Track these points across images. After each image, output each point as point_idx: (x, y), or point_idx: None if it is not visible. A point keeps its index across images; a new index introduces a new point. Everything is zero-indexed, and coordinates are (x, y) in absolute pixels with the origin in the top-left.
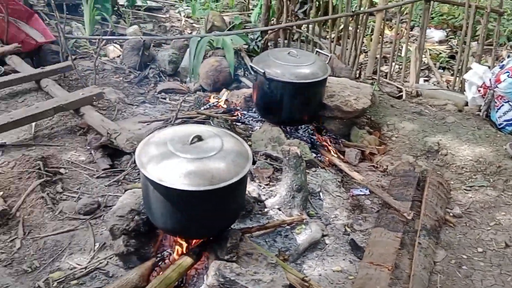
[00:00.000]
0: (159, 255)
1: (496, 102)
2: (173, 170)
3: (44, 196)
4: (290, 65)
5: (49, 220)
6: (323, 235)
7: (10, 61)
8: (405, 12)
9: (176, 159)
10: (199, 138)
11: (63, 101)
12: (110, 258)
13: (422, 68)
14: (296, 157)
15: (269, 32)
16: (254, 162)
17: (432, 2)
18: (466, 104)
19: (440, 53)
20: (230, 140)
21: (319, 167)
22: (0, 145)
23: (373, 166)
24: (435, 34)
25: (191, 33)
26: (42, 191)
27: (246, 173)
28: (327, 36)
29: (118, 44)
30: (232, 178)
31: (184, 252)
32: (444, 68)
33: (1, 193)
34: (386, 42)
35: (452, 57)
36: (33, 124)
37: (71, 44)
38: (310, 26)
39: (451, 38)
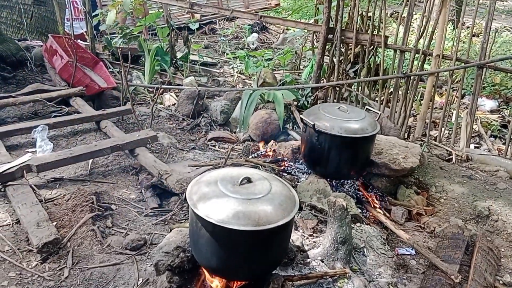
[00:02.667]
0: None
1: None
2: (221, 208)
3: (94, 229)
4: (339, 119)
5: (97, 252)
6: None
7: (74, 102)
8: (456, 80)
9: (225, 198)
10: (249, 180)
11: (120, 141)
12: None
13: (473, 135)
14: (342, 209)
15: (319, 89)
16: (300, 209)
17: (484, 69)
18: None
19: (491, 122)
20: (278, 184)
21: (364, 223)
22: (58, 179)
23: (420, 226)
24: (487, 103)
25: (243, 87)
26: (93, 224)
27: (292, 217)
28: (376, 98)
29: (174, 93)
30: (278, 221)
31: None
32: (495, 137)
33: (55, 223)
34: (436, 108)
35: (504, 126)
36: (90, 161)
37: (130, 91)
38: (360, 86)
39: (503, 108)
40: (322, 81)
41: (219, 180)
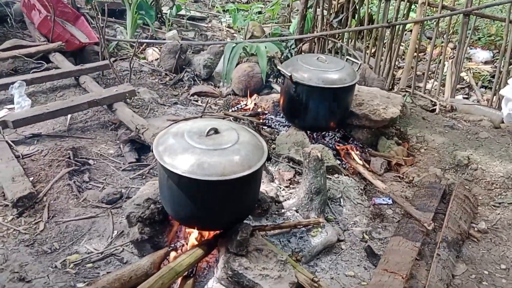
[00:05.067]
0: (172, 245)
1: None
2: (187, 159)
3: (70, 183)
4: (317, 69)
5: (73, 206)
6: (339, 240)
7: (54, 58)
8: (451, 31)
9: (191, 149)
10: (216, 131)
11: (98, 96)
12: (126, 246)
13: (463, 86)
14: (316, 160)
15: (303, 41)
16: (269, 158)
17: (470, 16)
18: (503, 121)
19: (483, 72)
20: (246, 134)
21: (343, 174)
22: (36, 135)
23: (399, 176)
24: (481, 55)
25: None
26: (70, 179)
27: (259, 167)
28: (362, 48)
29: (157, 48)
30: (244, 171)
31: (197, 243)
32: (486, 88)
33: (32, 178)
34: (425, 59)
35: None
36: (68, 117)
37: (113, 46)
38: (345, 36)
39: (497, 58)
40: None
41: (186, 132)
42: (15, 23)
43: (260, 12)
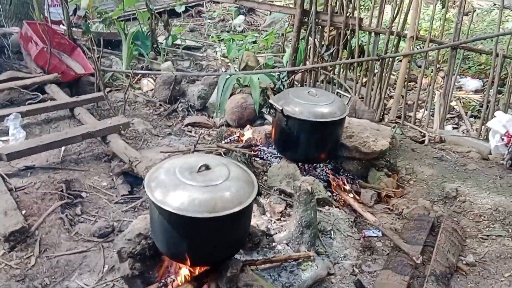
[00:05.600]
0: (163, 280)
1: None
2: (178, 196)
3: (62, 217)
4: (308, 103)
5: (65, 240)
6: (329, 274)
7: (49, 89)
8: (441, 60)
9: (182, 186)
10: (207, 167)
11: (92, 128)
12: (117, 281)
13: (453, 116)
14: (307, 193)
15: (295, 73)
16: (259, 194)
17: (457, 50)
18: (491, 153)
19: (472, 102)
20: (237, 170)
21: (333, 206)
22: (29, 167)
23: (389, 208)
24: (471, 84)
25: (225, 71)
26: (62, 212)
27: (249, 203)
28: (353, 79)
29: (152, 78)
30: (235, 207)
31: (187, 279)
32: (475, 117)
33: (24, 211)
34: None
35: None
36: (62, 148)
37: (108, 77)
38: (337, 68)
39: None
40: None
41: (178, 168)
42: (11, 54)
43: (254, 42)
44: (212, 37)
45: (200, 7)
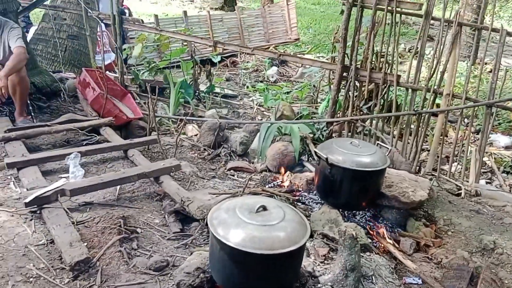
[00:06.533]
0: None
1: None
2: (239, 233)
3: (121, 250)
4: (351, 153)
5: (124, 272)
6: None
7: (104, 132)
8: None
9: (242, 224)
10: (264, 208)
11: (146, 169)
12: None
13: (485, 171)
14: (351, 238)
15: (334, 123)
16: (311, 236)
17: (492, 107)
18: None
19: (505, 158)
20: (292, 212)
21: (374, 253)
22: (89, 203)
23: (427, 257)
24: (501, 140)
25: (261, 119)
26: (120, 246)
27: (303, 243)
28: (390, 132)
29: (196, 124)
30: (290, 246)
31: None
32: (508, 173)
33: (86, 244)
34: (451, 143)
35: None
36: (118, 187)
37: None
38: (374, 121)
39: None
40: (337, 116)
41: (238, 208)
42: (67, 97)
43: (288, 92)
44: (247, 86)
45: (235, 58)
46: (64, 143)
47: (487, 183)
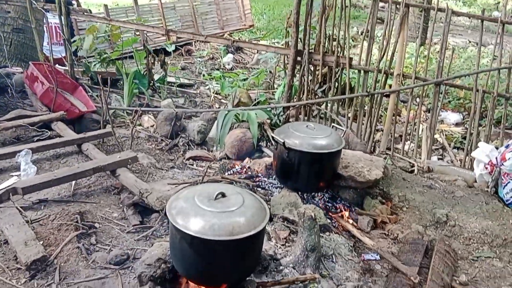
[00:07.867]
0: None
1: (503, 179)
2: (198, 221)
3: (79, 246)
4: (307, 136)
5: (83, 268)
6: None
7: (56, 127)
8: (425, 95)
9: (201, 212)
10: (223, 195)
11: (102, 162)
12: None
13: (437, 147)
14: (311, 219)
15: (290, 108)
16: (271, 219)
17: (441, 86)
18: (476, 181)
19: (455, 134)
20: (251, 198)
21: (333, 232)
22: (43, 200)
23: (384, 233)
24: (452, 117)
25: (219, 107)
26: (78, 242)
27: (263, 227)
28: (344, 114)
29: (152, 115)
30: (250, 231)
31: None
32: (458, 148)
33: (42, 242)
34: (404, 122)
35: (465, 138)
36: (73, 182)
37: (110, 114)
38: (329, 104)
39: (467, 120)
40: (293, 101)
41: (196, 196)
42: (15, 93)
43: (245, 79)
44: (204, 75)
45: (190, 46)
46: (14, 140)
47: (439, 159)
